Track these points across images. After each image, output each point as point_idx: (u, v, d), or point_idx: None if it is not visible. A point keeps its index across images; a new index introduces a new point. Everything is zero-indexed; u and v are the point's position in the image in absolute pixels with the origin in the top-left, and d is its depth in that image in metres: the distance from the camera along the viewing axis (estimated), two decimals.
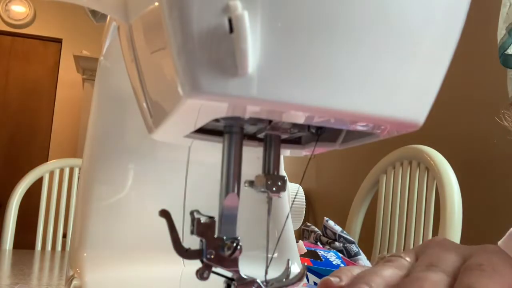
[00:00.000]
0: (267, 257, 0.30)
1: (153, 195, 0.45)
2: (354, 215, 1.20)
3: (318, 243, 0.98)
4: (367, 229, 1.19)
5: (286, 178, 0.30)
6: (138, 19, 0.27)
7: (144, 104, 0.29)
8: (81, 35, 3.32)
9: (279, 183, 0.29)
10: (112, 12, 0.29)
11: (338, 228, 0.99)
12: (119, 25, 0.32)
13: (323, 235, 1.00)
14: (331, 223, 1.00)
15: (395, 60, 0.23)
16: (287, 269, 0.31)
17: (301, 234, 1.11)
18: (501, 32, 0.99)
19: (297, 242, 0.53)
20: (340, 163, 1.94)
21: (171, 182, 0.44)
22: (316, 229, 1.04)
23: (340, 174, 1.95)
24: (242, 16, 0.20)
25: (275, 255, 0.31)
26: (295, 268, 0.44)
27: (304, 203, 2.25)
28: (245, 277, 0.29)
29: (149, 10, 0.24)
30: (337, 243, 0.95)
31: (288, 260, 0.32)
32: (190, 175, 0.35)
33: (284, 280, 0.31)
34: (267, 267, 0.30)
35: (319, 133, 0.31)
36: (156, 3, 0.22)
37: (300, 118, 0.25)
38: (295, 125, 0.30)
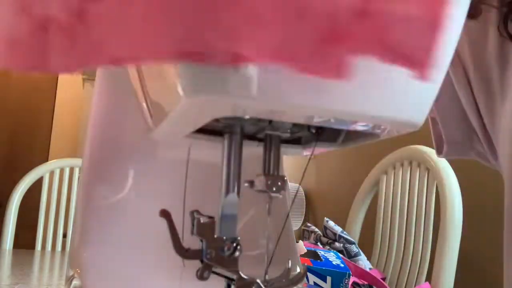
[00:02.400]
0: (267, 257, 0.30)
1: (153, 195, 0.45)
2: (354, 216, 1.19)
3: (318, 243, 0.98)
4: (367, 230, 1.19)
5: (286, 178, 0.30)
6: None
7: (144, 104, 0.29)
8: None
9: (279, 183, 0.29)
10: None
11: (338, 229, 0.99)
12: None
13: (323, 236, 1.00)
14: (331, 223, 1.00)
15: None
16: (287, 269, 0.31)
17: (301, 234, 1.11)
18: None
19: (297, 242, 0.53)
20: (340, 163, 1.94)
21: (171, 182, 0.44)
22: (316, 229, 1.04)
23: (340, 174, 1.95)
24: None
25: (275, 255, 0.31)
26: (295, 268, 0.44)
27: (304, 203, 2.25)
28: (245, 277, 0.29)
29: None
30: (337, 244, 0.95)
31: (288, 260, 0.32)
32: (190, 175, 0.35)
33: (284, 280, 0.31)
34: (267, 267, 0.30)
35: (319, 133, 0.31)
36: None
37: (300, 118, 0.25)
38: (295, 125, 0.30)
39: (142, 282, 0.42)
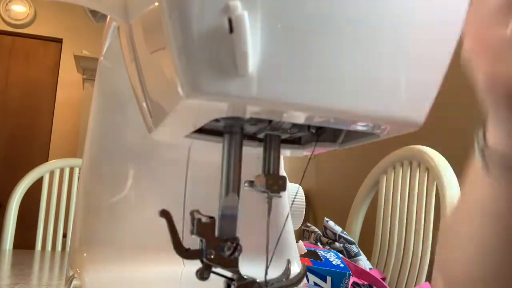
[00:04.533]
0: (267, 257, 0.30)
1: (153, 195, 0.45)
2: (354, 216, 1.19)
3: (318, 243, 0.98)
4: (367, 230, 1.19)
5: (286, 178, 0.30)
6: (138, 19, 0.27)
7: (144, 104, 0.29)
8: (81, 35, 3.32)
9: (279, 183, 0.29)
10: (112, 12, 0.29)
11: (338, 229, 0.98)
12: (119, 25, 0.32)
13: (323, 236, 1.00)
14: (331, 223, 1.00)
15: (395, 60, 0.23)
16: (287, 269, 0.31)
17: (301, 234, 1.11)
18: None
19: (297, 242, 0.53)
20: (340, 163, 1.94)
21: (171, 182, 0.44)
22: (316, 229, 1.04)
23: (340, 174, 1.95)
24: (242, 16, 0.20)
25: (275, 255, 0.31)
26: (295, 268, 0.44)
27: (304, 203, 2.25)
28: (245, 277, 0.29)
29: (149, 10, 0.24)
30: (337, 244, 0.95)
31: (288, 260, 0.32)
32: (190, 175, 0.36)
33: (284, 280, 0.31)
34: (267, 267, 0.30)
35: (319, 133, 0.31)
36: (156, 3, 0.22)
37: (300, 118, 0.25)
38: (295, 125, 0.30)
39: (142, 283, 0.42)
